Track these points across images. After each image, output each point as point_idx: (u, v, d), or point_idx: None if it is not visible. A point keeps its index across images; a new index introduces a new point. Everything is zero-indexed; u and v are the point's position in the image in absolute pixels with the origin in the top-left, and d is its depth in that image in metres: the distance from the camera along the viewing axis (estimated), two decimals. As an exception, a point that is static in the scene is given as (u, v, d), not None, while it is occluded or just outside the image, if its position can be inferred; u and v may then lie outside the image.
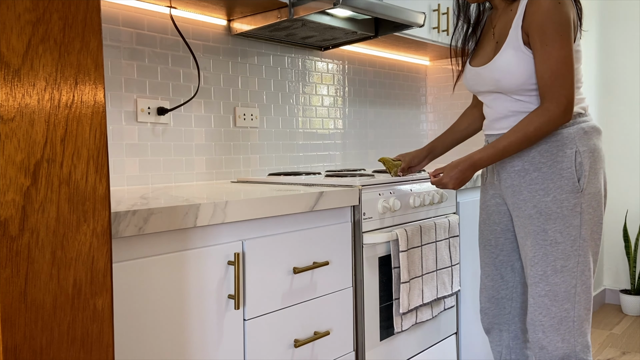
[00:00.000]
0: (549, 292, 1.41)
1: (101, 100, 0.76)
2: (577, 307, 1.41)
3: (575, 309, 1.41)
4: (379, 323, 1.63)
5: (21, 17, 0.68)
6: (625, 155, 3.44)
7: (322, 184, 1.62)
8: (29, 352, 0.70)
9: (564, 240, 1.39)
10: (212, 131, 1.94)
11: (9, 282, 0.67)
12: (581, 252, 1.40)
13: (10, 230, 0.67)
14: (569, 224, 1.39)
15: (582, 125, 1.43)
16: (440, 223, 1.79)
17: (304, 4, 1.75)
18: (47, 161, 0.71)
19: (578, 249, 1.40)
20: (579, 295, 1.41)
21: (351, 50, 2.49)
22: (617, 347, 2.77)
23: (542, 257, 1.41)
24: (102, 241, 0.76)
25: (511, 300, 1.59)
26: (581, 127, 1.43)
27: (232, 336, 1.24)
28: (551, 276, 1.40)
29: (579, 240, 1.40)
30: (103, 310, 0.77)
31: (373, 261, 1.61)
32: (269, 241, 1.31)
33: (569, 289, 1.40)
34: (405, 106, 2.84)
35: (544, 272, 1.41)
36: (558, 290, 1.40)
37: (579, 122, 1.43)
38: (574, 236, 1.39)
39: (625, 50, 3.42)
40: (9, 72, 0.67)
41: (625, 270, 3.48)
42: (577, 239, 1.39)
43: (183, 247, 1.15)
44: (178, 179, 1.84)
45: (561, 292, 1.40)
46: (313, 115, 2.33)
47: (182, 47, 1.84)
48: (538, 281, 1.42)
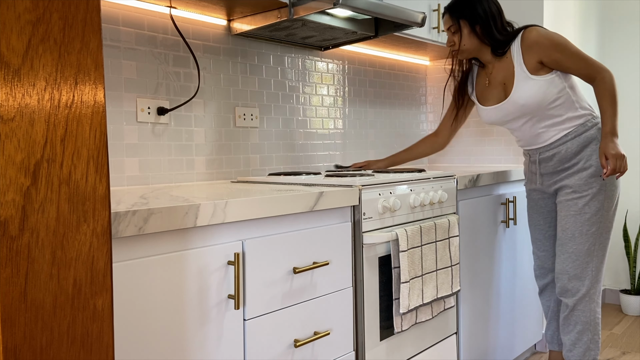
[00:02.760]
0: (575, 250, 1.89)
1: (101, 100, 0.76)
2: (596, 260, 1.90)
3: (594, 261, 1.90)
4: (379, 323, 1.63)
5: (21, 17, 0.68)
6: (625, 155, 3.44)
7: (322, 184, 1.62)
8: (29, 352, 0.70)
9: (590, 212, 1.87)
10: (212, 131, 1.94)
11: (9, 282, 0.67)
12: (602, 219, 1.88)
13: (10, 230, 0.67)
14: (595, 198, 1.87)
15: (599, 126, 1.90)
16: (440, 223, 1.79)
17: (304, 4, 1.75)
18: (47, 161, 0.71)
19: (600, 218, 1.88)
20: (597, 252, 1.90)
21: (351, 50, 2.49)
22: (617, 347, 2.77)
23: (572, 223, 1.89)
24: (102, 241, 0.76)
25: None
26: (598, 127, 1.90)
27: (232, 336, 1.24)
28: (578, 237, 1.89)
29: (601, 210, 1.88)
30: (103, 310, 0.77)
31: (373, 261, 1.61)
32: (269, 241, 1.31)
33: (590, 247, 1.89)
34: (405, 106, 2.84)
35: (573, 234, 1.89)
36: (582, 248, 1.89)
37: (596, 124, 1.91)
38: (597, 207, 1.87)
39: (625, 51, 3.42)
40: (9, 72, 0.67)
41: (625, 270, 3.48)
42: (600, 209, 1.88)
43: (183, 247, 1.15)
44: (178, 179, 1.84)
45: (584, 250, 1.89)
46: (313, 115, 2.33)
47: (182, 47, 1.84)
48: (567, 241, 1.91)
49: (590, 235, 1.88)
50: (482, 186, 2.16)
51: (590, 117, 1.91)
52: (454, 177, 1.97)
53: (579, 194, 1.89)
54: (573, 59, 1.83)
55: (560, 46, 1.83)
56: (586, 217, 1.87)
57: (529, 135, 1.98)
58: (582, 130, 1.89)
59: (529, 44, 1.86)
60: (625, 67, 3.42)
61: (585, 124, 1.90)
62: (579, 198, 1.89)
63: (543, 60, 1.85)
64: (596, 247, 1.89)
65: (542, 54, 1.84)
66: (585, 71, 1.84)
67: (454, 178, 1.97)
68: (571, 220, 1.89)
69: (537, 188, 2.06)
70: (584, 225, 1.87)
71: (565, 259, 1.91)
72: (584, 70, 1.84)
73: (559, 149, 1.92)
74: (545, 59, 1.84)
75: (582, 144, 1.89)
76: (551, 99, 1.87)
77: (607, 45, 3.48)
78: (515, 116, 1.95)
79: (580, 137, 1.89)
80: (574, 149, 1.90)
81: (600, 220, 1.88)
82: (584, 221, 1.87)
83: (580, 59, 1.83)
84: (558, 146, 1.92)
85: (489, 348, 2.19)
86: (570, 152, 1.90)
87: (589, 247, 1.88)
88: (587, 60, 1.84)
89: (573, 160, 1.91)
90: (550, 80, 1.86)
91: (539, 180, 2.03)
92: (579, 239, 1.88)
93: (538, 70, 1.86)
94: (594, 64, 1.83)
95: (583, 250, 1.88)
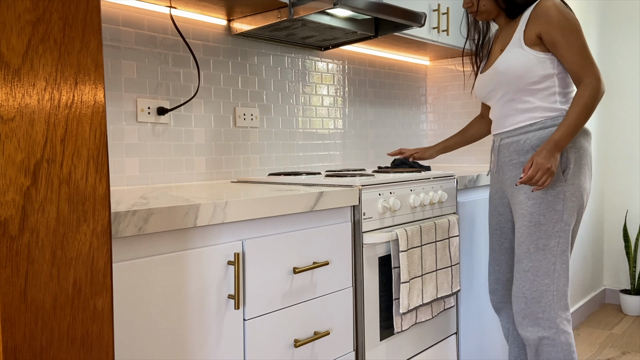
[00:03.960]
0: (531, 268, 1.62)
1: (101, 100, 0.76)
2: (557, 282, 1.61)
3: (555, 283, 1.61)
4: (379, 323, 1.63)
5: (21, 17, 0.68)
6: (625, 156, 3.44)
7: (322, 184, 1.62)
8: (29, 352, 0.70)
9: (547, 222, 1.61)
10: (212, 131, 1.94)
11: (9, 282, 0.67)
12: (562, 234, 1.61)
13: (10, 230, 0.67)
14: (552, 208, 1.60)
15: None
16: (440, 223, 1.79)
17: (304, 4, 1.75)
18: (47, 161, 0.71)
19: (559, 231, 1.61)
20: (558, 272, 1.61)
21: (351, 50, 2.49)
22: (617, 347, 2.77)
23: (527, 236, 1.62)
24: (102, 241, 0.76)
25: None
26: None
27: (232, 336, 1.24)
28: (534, 253, 1.62)
29: (560, 223, 1.61)
30: (103, 310, 0.77)
31: (373, 261, 1.61)
32: (269, 241, 1.31)
33: (549, 265, 1.61)
34: (405, 106, 2.84)
35: (528, 249, 1.62)
36: (539, 266, 1.61)
37: None
38: (555, 219, 1.60)
39: (625, 51, 3.42)
40: (9, 72, 0.67)
41: (625, 270, 3.48)
42: (559, 222, 1.61)
43: (183, 247, 1.15)
44: (178, 179, 1.84)
45: (542, 268, 1.61)
46: (313, 115, 2.33)
47: (182, 47, 1.84)
48: (522, 258, 1.64)
49: (549, 251, 1.60)
50: (482, 186, 2.16)
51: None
52: (454, 177, 1.97)
53: (533, 200, 1.62)
54: (572, 49, 1.59)
55: (566, 29, 1.58)
56: (542, 230, 1.60)
57: (499, 115, 1.75)
58: (549, 125, 1.64)
59: (538, 13, 1.62)
60: (625, 67, 3.42)
61: (557, 118, 1.63)
62: (532, 206, 1.62)
63: (542, 36, 1.61)
64: (557, 266, 1.60)
65: (543, 28, 1.60)
66: (577, 68, 1.60)
67: (454, 178, 1.97)
68: (526, 232, 1.62)
69: (496, 187, 1.82)
70: (540, 239, 1.60)
71: (521, 279, 1.63)
72: (575, 67, 1.60)
73: (519, 138, 1.68)
74: (545, 35, 1.60)
75: (543, 139, 1.63)
76: (532, 79, 1.63)
77: (607, 45, 3.48)
78: (492, 87, 1.73)
79: (545, 132, 1.64)
80: (532, 142, 1.65)
81: (559, 235, 1.60)
82: (540, 234, 1.60)
83: (578, 54, 1.59)
84: (519, 134, 1.68)
85: (489, 348, 2.19)
86: (528, 145, 1.66)
87: (547, 266, 1.60)
88: (586, 59, 1.60)
89: (528, 156, 1.66)
90: (541, 60, 1.62)
91: (495, 172, 1.80)
92: (534, 254, 1.61)
93: (534, 45, 1.63)
94: (589, 66, 1.59)
95: (541, 268, 1.60)
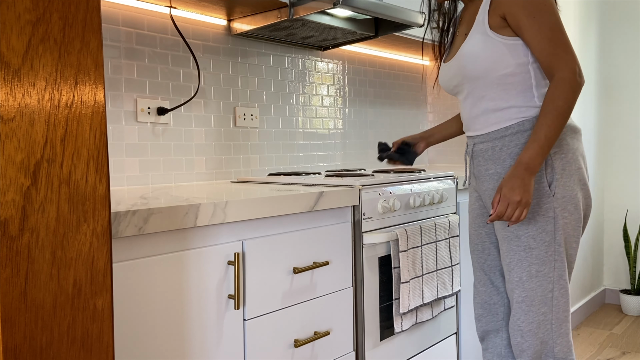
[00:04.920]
0: (525, 298, 1.39)
1: (101, 100, 0.76)
2: (555, 310, 1.39)
3: (553, 312, 1.39)
4: (379, 323, 1.63)
5: (21, 17, 0.68)
6: (625, 156, 3.44)
7: (322, 184, 1.62)
8: (29, 352, 0.70)
9: (538, 246, 1.36)
10: (212, 131, 1.94)
11: (9, 282, 0.67)
12: (557, 257, 1.37)
13: (10, 230, 0.67)
14: (542, 229, 1.36)
15: None
16: (440, 223, 1.79)
17: (304, 4, 1.75)
18: (47, 161, 0.71)
19: (553, 254, 1.37)
20: (556, 299, 1.39)
21: (351, 50, 2.49)
22: (617, 347, 2.77)
23: (517, 262, 1.39)
24: (102, 241, 0.76)
25: (503, 305, 1.56)
26: None
27: (232, 336, 1.24)
28: (527, 282, 1.38)
29: (553, 245, 1.36)
30: (103, 310, 0.77)
31: (373, 261, 1.61)
32: (269, 241, 1.31)
33: (546, 293, 1.38)
34: (405, 106, 2.84)
35: (520, 278, 1.39)
36: (534, 295, 1.38)
37: None
38: (547, 241, 1.36)
39: (625, 51, 3.42)
40: (9, 72, 0.67)
41: (625, 270, 3.48)
42: (552, 244, 1.36)
43: (183, 247, 1.15)
44: (178, 179, 1.84)
45: (537, 297, 1.38)
46: (313, 115, 2.33)
47: (182, 47, 1.84)
48: (515, 287, 1.40)
49: (544, 278, 1.37)
50: (482, 186, 2.16)
51: None
52: (454, 177, 1.97)
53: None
54: (539, 33, 1.29)
55: (532, 7, 1.29)
56: (534, 254, 1.36)
57: (468, 115, 1.47)
58: (527, 127, 1.37)
59: None
60: (625, 66, 3.42)
61: (536, 119, 1.37)
62: (519, 227, 1.37)
63: (506, 18, 1.33)
64: (555, 293, 1.38)
65: (506, 7, 1.32)
66: (547, 58, 1.29)
67: (454, 178, 1.97)
68: (515, 257, 1.39)
69: (475, 195, 1.56)
70: (532, 265, 1.37)
71: (514, 310, 1.41)
72: (545, 56, 1.29)
73: (494, 144, 1.41)
74: (509, 16, 1.32)
75: (523, 146, 1.37)
76: (503, 71, 1.35)
77: (607, 45, 3.48)
78: (457, 81, 1.46)
79: (523, 135, 1.37)
80: (510, 149, 1.39)
81: (554, 258, 1.36)
82: (532, 259, 1.36)
83: (547, 39, 1.28)
84: (494, 139, 1.41)
85: (489, 348, 2.19)
86: (505, 153, 1.39)
87: (543, 294, 1.37)
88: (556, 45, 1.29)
89: (507, 166, 1.40)
90: (510, 46, 1.34)
91: (471, 182, 1.54)
92: (528, 283, 1.38)
93: (500, 28, 1.35)
94: (561, 55, 1.28)
95: (536, 297, 1.38)
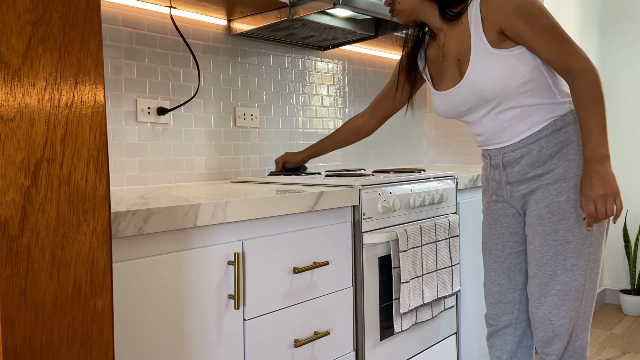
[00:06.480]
0: (559, 292, 1.40)
1: (101, 100, 0.76)
2: (584, 304, 1.41)
3: (582, 306, 1.41)
4: (379, 323, 1.63)
5: (21, 17, 0.68)
6: (625, 156, 3.44)
7: (322, 184, 1.62)
8: (29, 352, 0.70)
9: (575, 239, 1.38)
10: (212, 131, 1.94)
11: (9, 282, 0.67)
12: (592, 249, 1.39)
13: (10, 230, 0.67)
14: (581, 222, 1.38)
15: None
16: (440, 223, 1.79)
17: (304, 4, 1.75)
18: (47, 161, 0.71)
19: (589, 247, 1.38)
20: (587, 292, 1.41)
21: (351, 50, 2.49)
22: (617, 347, 2.77)
23: (552, 256, 1.39)
24: (102, 241, 0.76)
25: (519, 303, 1.56)
26: None
27: (232, 336, 1.24)
28: (561, 275, 1.39)
29: (590, 238, 1.38)
30: (103, 310, 0.77)
31: (373, 261, 1.61)
32: (269, 241, 1.31)
33: (579, 287, 1.39)
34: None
35: (554, 271, 1.39)
36: (568, 289, 1.39)
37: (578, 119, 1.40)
38: (585, 234, 1.38)
39: (625, 51, 3.42)
40: (9, 72, 0.67)
41: (625, 270, 3.48)
42: (589, 237, 1.38)
43: (183, 247, 1.15)
44: (178, 179, 1.84)
45: (572, 291, 1.39)
46: (313, 115, 2.33)
47: (182, 47, 1.84)
48: (548, 280, 1.40)
49: (578, 271, 1.38)
50: (482, 186, 2.16)
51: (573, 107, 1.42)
52: (454, 177, 1.97)
53: (558, 215, 1.38)
54: (543, 35, 1.31)
55: (529, 13, 1.31)
56: (570, 248, 1.38)
57: (491, 130, 1.47)
58: (561, 125, 1.40)
59: (489, 6, 1.35)
60: (625, 67, 3.42)
61: (567, 116, 1.40)
62: (558, 222, 1.38)
63: (505, 31, 1.35)
64: (587, 287, 1.40)
65: (502, 21, 1.34)
66: (558, 56, 1.32)
67: (454, 178, 1.97)
68: (550, 252, 1.39)
69: (499, 200, 1.55)
70: (567, 259, 1.38)
71: (548, 305, 1.41)
72: (555, 55, 1.32)
73: (530, 149, 1.42)
74: (507, 29, 1.34)
75: (561, 144, 1.39)
76: (520, 81, 1.37)
77: (607, 45, 3.48)
78: (472, 104, 1.45)
79: (559, 134, 1.39)
80: (549, 150, 1.40)
81: (589, 251, 1.38)
82: (568, 253, 1.38)
83: (553, 38, 1.31)
84: (528, 144, 1.42)
85: (489, 348, 2.19)
86: (545, 154, 1.40)
87: (577, 287, 1.39)
88: (564, 42, 1.32)
89: (547, 165, 1.40)
90: (518, 56, 1.36)
91: (506, 192, 1.51)
92: (562, 276, 1.38)
93: (501, 42, 1.37)
94: (572, 49, 1.32)
95: (570, 291, 1.39)
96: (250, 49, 2.06)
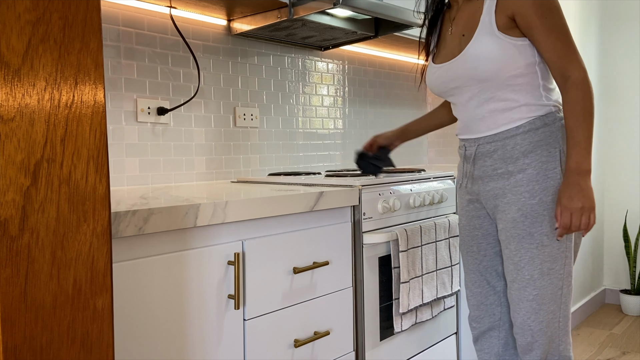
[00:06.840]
0: (536, 296, 1.37)
1: (101, 100, 0.76)
2: (563, 307, 1.39)
3: (561, 309, 1.39)
4: (379, 323, 1.63)
5: (21, 17, 0.68)
6: (625, 156, 3.44)
7: (322, 184, 1.62)
8: (29, 352, 0.70)
9: (551, 243, 1.35)
10: (212, 131, 1.94)
11: (9, 282, 0.67)
12: (567, 253, 1.37)
13: (10, 230, 0.67)
14: (554, 227, 1.35)
15: (562, 122, 1.39)
16: (440, 223, 1.79)
17: (304, 4, 1.75)
18: (47, 161, 0.71)
19: (565, 251, 1.36)
20: (564, 296, 1.39)
21: (351, 50, 2.49)
22: (617, 347, 2.77)
23: (528, 260, 1.37)
24: (102, 241, 0.76)
25: (499, 305, 1.55)
26: (562, 123, 1.39)
27: (232, 336, 1.24)
28: (538, 280, 1.36)
29: (565, 242, 1.36)
30: (103, 310, 0.77)
31: (373, 261, 1.61)
32: (269, 241, 1.31)
33: (556, 290, 1.37)
34: (405, 106, 2.84)
35: (531, 276, 1.37)
36: (545, 293, 1.37)
37: (560, 119, 1.39)
38: (561, 239, 1.36)
39: (625, 51, 3.42)
40: (9, 72, 0.67)
41: (625, 270, 3.48)
42: (565, 240, 1.36)
43: (183, 247, 1.15)
44: (178, 179, 1.84)
45: (548, 295, 1.37)
46: (313, 115, 2.33)
47: (182, 47, 1.84)
48: (525, 285, 1.38)
49: (555, 275, 1.36)
50: (482, 186, 2.16)
51: (556, 111, 1.40)
52: (454, 177, 1.97)
53: (532, 218, 1.35)
54: (551, 33, 1.32)
55: (544, 8, 1.31)
56: (546, 252, 1.35)
57: (471, 116, 1.45)
58: (539, 125, 1.37)
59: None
60: (625, 67, 3.42)
61: (547, 117, 1.38)
62: (532, 224, 1.35)
63: (516, 18, 1.34)
64: (564, 291, 1.38)
65: (516, 8, 1.33)
66: (559, 59, 1.32)
67: (454, 178, 1.97)
68: (527, 255, 1.36)
69: (468, 198, 1.53)
70: (544, 263, 1.35)
71: (525, 309, 1.39)
72: (557, 57, 1.32)
73: (505, 143, 1.40)
74: (519, 17, 1.33)
75: (536, 143, 1.37)
76: (512, 72, 1.36)
77: (607, 45, 3.48)
78: (460, 83, 1.44)
79: (536, 133, 1.37)
80: (523, 147, 1.37)
81: (565, 255, 1.36)
82: (545, 257, 1.35)
83: (559, 39, 1.32)
84: (504, 139, 1.40)
85: (489, 348, 2.19)
86: (518, 151, 1.38)
87: (553, 291, 1.37)
88: (569, 46, 1.32)
89: (519, 164, 1.38)
90: (519, 47, 1.36)
91: (469, 185, 1.50)
92: (539, 281, 1.36)
93: (508, 29, 1.36)
94: (573, 55, 1.32)
95: (547, 295, 1.37)
96: (250, 49, 2.06)
